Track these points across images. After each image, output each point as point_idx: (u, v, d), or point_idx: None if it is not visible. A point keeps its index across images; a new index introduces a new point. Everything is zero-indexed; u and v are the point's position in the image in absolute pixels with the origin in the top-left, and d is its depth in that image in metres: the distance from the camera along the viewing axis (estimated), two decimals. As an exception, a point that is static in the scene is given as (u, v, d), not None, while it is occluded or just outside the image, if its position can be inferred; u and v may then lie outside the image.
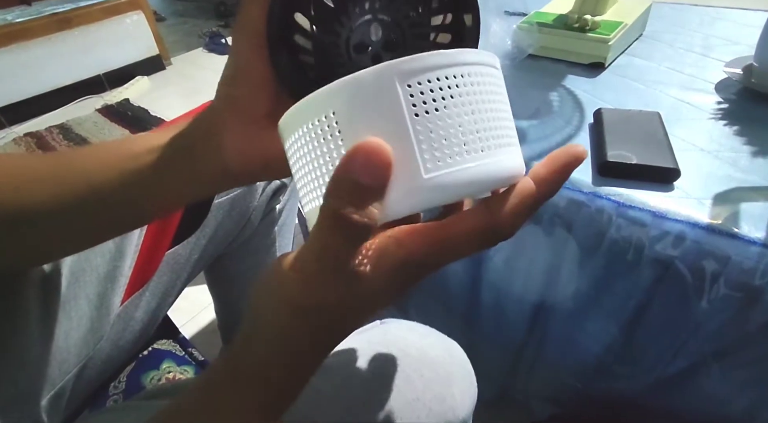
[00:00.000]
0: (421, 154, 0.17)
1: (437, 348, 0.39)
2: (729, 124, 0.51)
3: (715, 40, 0.68)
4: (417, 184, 0.17)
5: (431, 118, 0.17)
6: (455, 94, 0.17)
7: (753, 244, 0.37)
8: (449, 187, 0.17)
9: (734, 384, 0.45)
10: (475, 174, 0.18)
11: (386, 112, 0.17)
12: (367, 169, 0.16)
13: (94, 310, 0.38)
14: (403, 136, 0.17)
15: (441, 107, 0.17)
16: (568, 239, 0.46)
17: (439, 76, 0.17)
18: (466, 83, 0.18)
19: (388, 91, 0.17)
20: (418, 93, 0.17)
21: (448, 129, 0.17)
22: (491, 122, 0.18)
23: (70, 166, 0.26)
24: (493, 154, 0.18)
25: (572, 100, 0.58)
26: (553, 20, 0.67)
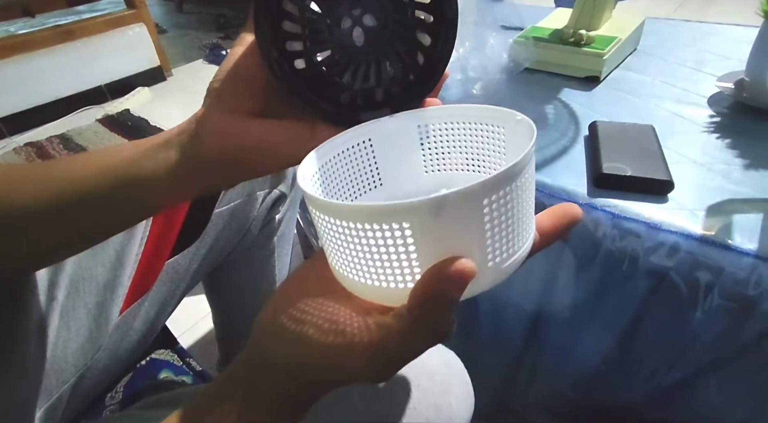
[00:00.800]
0: (491, 253, 0.19)
1: (434, 358, 0.39)
2: (721, 137, 0.52)
3: (707, 55, 0.69)
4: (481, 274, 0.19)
5: (501, 224, 0.19)
6: (517, 195, 0.19)
7: (746, 255, 0.38)
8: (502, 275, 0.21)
9: (731, 395, 0.45)
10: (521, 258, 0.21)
11: (468, 226, 0.18)
12: (459, 285, 0.18)
13: (92, 320, 0.39)
14: (480, 244, 0.19)
15: (509, 211, 0.19)
16: (564, 250, 0.47)
17: (511, 187, 0.19)
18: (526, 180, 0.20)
19: (473, 210, 0.18)
20: (495, 205, 0.18)
21: (511, 227, 0.20)
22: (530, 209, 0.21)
23: (53, 169, 0.26)
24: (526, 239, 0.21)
25: (568, 112, 0.59)
26: (549, 35, 0.68)
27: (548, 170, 0.49)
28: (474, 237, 0.19)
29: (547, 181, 0.47)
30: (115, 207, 0.27)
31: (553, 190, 0.46)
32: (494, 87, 0.65)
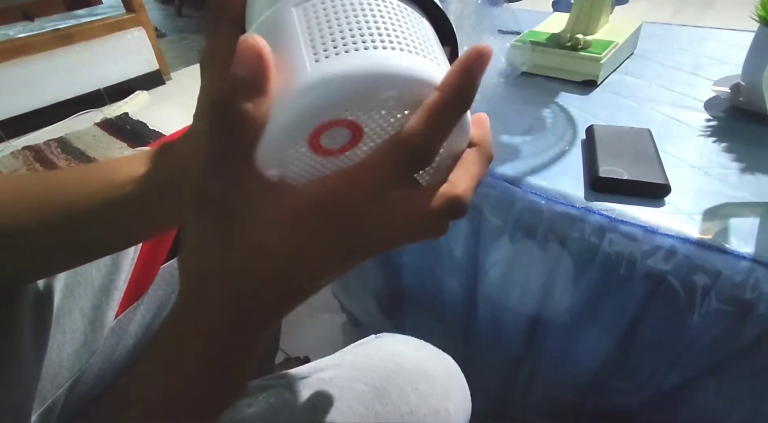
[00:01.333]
0: (306, 48, 0.16)
1: (432, 362, 0.39)
2: (718, 141, 0.52)
3: (704, 60, 0.70)
4: (303, 79, 0.16)
5: (319, 17, 0.17)
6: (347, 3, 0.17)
7: (742, 258, 0.38)
8: (337, 80, 0.16)
9: (729, 398, 0.45)
10: (360, 63, 0.16)
11: (281, 26, 0.17)
12: (241, 63, 0.16)
13: (87, 324, 0.38)
14: (291, 36, 0.17)
15: (330, 9, 0.17)
16: (562, 254, 0.47)
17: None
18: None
19: (284, 12, 0.17)
20: (310, 8, 0.17)
21: (338, 25, 0.16)
22: (392, 28, 0.17)
23: (53, 191, 0.26)
24: (390, 53, 0.16)
25: (565, 116, 0.59)
26: (546, 39, 0.68)
27: (545, 174, 0.49)
28: (287, 27, 0.17)
29: (545, 185, 0.47)
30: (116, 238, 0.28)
31: (550, 194, 0.46)
32: (491, 91, 0.65)
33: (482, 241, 0.53)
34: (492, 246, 0.52)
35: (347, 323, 0.98)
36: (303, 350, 0.91)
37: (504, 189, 0.49)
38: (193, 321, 0.19)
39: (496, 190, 0.49)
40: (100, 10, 2.11)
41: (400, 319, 0.77)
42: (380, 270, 0.71)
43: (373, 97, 0.16)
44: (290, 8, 0.17)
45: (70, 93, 1.82)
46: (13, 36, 1.79)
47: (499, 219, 0.50)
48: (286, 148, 0.17)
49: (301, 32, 0.17)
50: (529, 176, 0.49)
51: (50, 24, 1.91)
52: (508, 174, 0.50)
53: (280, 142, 0.17)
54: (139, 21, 1.95)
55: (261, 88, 0.16)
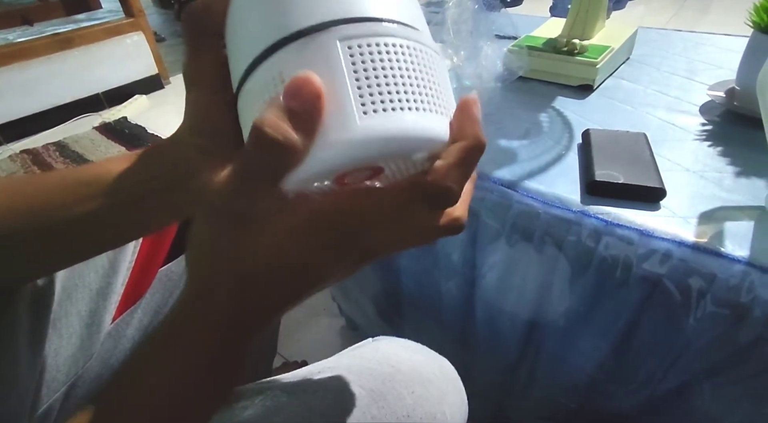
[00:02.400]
0: (355, 98, 0.17)
1: (429, 365, 0.39)
2: (713, 145, 0.52)
3: (699, 64, 0.70)
4: (349, 128, 0.17)
5: (367, 68, 0.17)
6: (391, 53, 0.18)
7: (738, 262, 0.38)
8: (381, 136, 0.17)
9: (726, 402, 0.45)
10: (406, 126, 0.17)
11: (326, 62, 0.17)
12: (294, 96, 0.16)
13: (84, 328, 0.38)
14: (339, 81, 0.17)
15: (377, 60, 0.17)
16: (558, 257, 0.47)
17: (377, 42, 0.18)
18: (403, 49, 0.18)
19: (325, 46, 0.17)
20: (357, 52, 0.17)
21: (384, 80, 0.17)
22: (426, 88, 0.18)
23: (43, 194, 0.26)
24: (426, 115, 0.18)
25: (561, 120, 0.60)
26: (543, 44, 0.69)
27: (542, 178, 0.49)
28: (337, 74, 0.17)
29: (541, 189, 0.48)
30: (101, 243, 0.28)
31: (546, 198, 0.47)
32: (489, 95, 0.65)
33: (479, 245, 0.53)
34: (489, 249, 0.52)
35: (345, 327, 0.98)
36: (301, 354, 0.91)
37: (501, 193, 0.49)
38: (201, 316, 0.19)
39: (493, 193, 0.49)
40: (100, 14, 2.12)
41: (399, 323, 0.77)
42: (378, 274, 0.71)
43: (407, 154, 0.18)
44: (335, 42, 0.17)
45: (69, 97, 1.83)
46: (12, 40, 1.80)
47: (496, 222, 0.50)
48: (316, 182, 0.18)
49: (349, 76, 0.17)
50: (526, 180, 0.49)
51: (50, 28, 1.91)
52: (505, 178, 0.50)
53: (313, 177, 0.18)
54: (139, 25, 1.95)
55: (310, 126, 0.17)
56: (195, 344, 0.19)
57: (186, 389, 0.20)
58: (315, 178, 0.18)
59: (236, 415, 0.34)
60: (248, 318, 0.20)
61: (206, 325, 0.19)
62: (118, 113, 1.83)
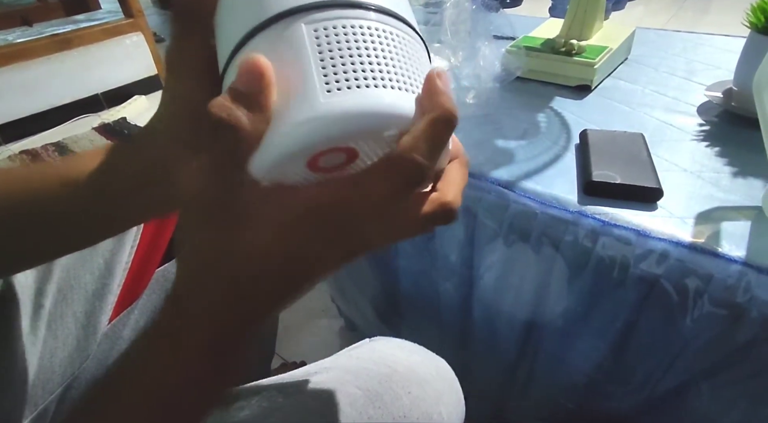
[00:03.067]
0: (319, 76, 0.17)
1: (425, 366, 0.39)
2: (711, 146, 0.52)
3: (697, 65, 0.70)
4: (313, 106, 0.17)
5: (333, 49, 0.17)
6: (357, 35, 0.18)
7: (734, 262, 0.38)
8: (344, 113, 0.17)
9: (723, 402, 0.45)
10: (369, 102, 0.17)
11: (291, 45, 0.17)
12: (240, 77, 0.17)
13: (80, 329, 0.38)
14: (304, 61, 0.17)
15: (342, 41, 0.17)
16: (556, 258, 0.47)
17: (343, 24, 0.18)
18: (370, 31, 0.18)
19: (289, 29, 0.18)
20: (322, 33, 0.17)
21: (349, 59, 0.17)
22: (393, 67, 0.18)
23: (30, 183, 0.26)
24: (391, 92, 0.18)
25: (559, 121, 0.60)
26: (541, 44, 0.69)
27: (539, 178, 0.49)
28: (300, 53, 0.17)
29: (539, 189, 0.48)
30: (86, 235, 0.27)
31: (544, 198, 0.47)
32: (487, 96, 0.65)
33: (477, 245, 0.53)
34: (486, 250, 0.52)
35: (344, 328, 0.98)
36: (300, 355, 0.91)
37: (498, 193, 0.49)
38: (192, 316, 0.19)
39: (491, 194, 0.49)
40: (99, 15, 2.11)
41: (397, 324, 0.77)
42: (377, 274, 0.71)
43: (376, 133, 0.18)
44: (300, 25, 0.17)
45: (68, 97, 1.82)
46: (11, 41, 1.80)
47: (493, 223, 0.50)
48: (286, 165, 0.18)
49: (313, 57, 0.17)
50: (524, 180, 0.49)
51: (49, 29, 1.91)
52: (503, 178, 0.50)
53: (280, 159, 0.17)
54: (138, 26, 1.95)
55: (258, 104, 0.17)
56: (187, 343, 0.19)
57: (178, 389, 0.19)
58: (284, 161, 0.17)
59: (232, 416, 0.34)
60: (241, 316, 0.19)
61: (198, 325, 0.19)
62: (117, 114, 1.82)
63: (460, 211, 0.39)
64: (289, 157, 0.17)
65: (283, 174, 0.18)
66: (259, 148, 0.17)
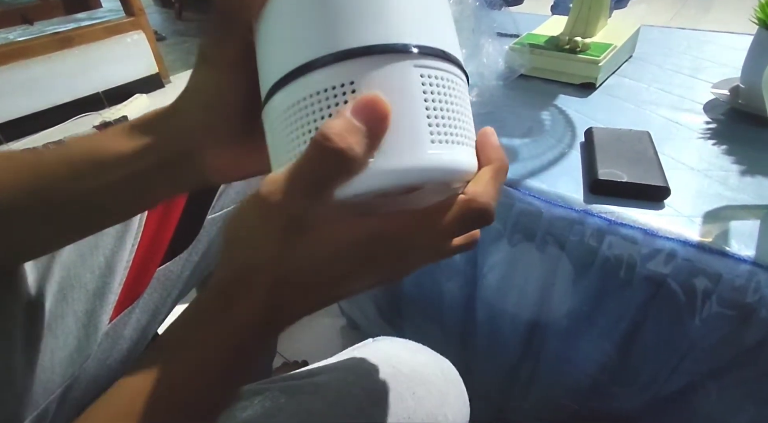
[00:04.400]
0: (426, 125, 0.18)
1: (430, 366, 0.38)
2: (718, 144, 0.51)
3: (703, 62, 0.69)
4: (420, 154, 0.18)
5: (435, 99, 0.19)
6: (455, 89, 0.19)
7: (743, 262, 0.37)
8: (442, 163, 0.18)
9: (731, 403, 0.44)
10: (461, 159, 0.19)
11: (402, 85, 0.18)
12: (362, 112, 0.17)
13: (81, 328, 0.38)
14: (416, 106, 0.18)
15: (442, 93, 0.19)
16: (561, 257, 0.46)
17: (443, 76, 0.19)
18: (458, 85, 0.20)
19: (404, 69, 0.18)
20: (428, 81, 0.19)
21: (447, 114, 0.19)
22: (469, 123, 0.21)
23: (41, 170, 0.26)
24: (471, 151, 0.20)
25: (564, 119, 0.59)
26: (545, 42, 0.68)
27: (545, 177, 0.49)
28: (413, 100, 0.18)
29: (544, 188, 0.47)
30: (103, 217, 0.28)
31: (549, 197, 0.46)
32: (490, 93, 0.64)
33: (481, 244, 0.53)
34: (490, 249, 0.52)
35: (346, 327, 0.98)
36: (302, 354, 0.91)
37: (503, 192, 0.48)
38: (235, 304, 0.20)
39: (495, 192, 0.49)
40: (100, 13, 2.11)
41: (400, 324, 0.76)
42: (379, 273, 0.71)
43: (454, 182, 0.20)
44: (412, 67, 0.18)
45: (69, 96, 1.82)
46: (12, 39, 1.80)
47: (497, 222, 0.49)
48: (373, 195, 0.19)
49: (421, 103, 0.18)
50: (528, 179, 0.49)
51: (50, 27, 1.91)
52: (507, 177, 0.49)
53: (372, 192, 0.18)
54: (139, 24, 1.95)
55: (373, 143, 0.18)
56: (225, 328, 0.20)
57: (206, 377, 0.20)
58: (369, 194, 0.18)
59: (235, 416, 0.33)
60: (278, 317, 0.20)
61: (238, 315, 0.20)
62: (118, 112, 1.82)
63: None
64: (379, 192, 0.18)
65: (360, 198, 0.19)
66: (356, 176, 0.18)
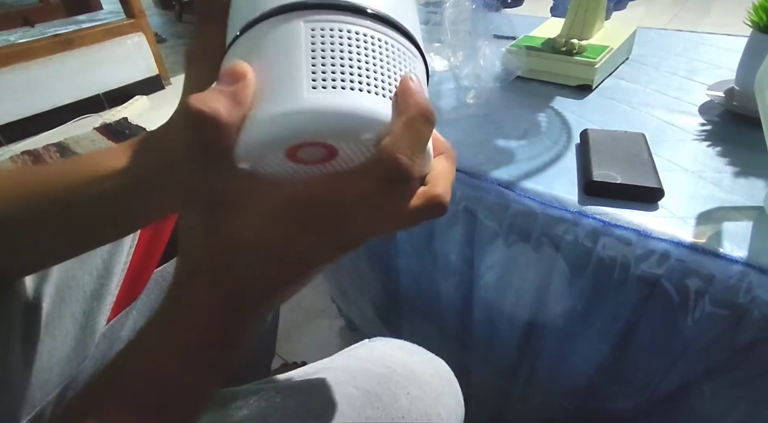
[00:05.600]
0: (307, 73, 0.18)
1: (424, 366, 0.39)
2: (712, 145, 0.52)
3: (698, 64, 0.70)
4: (296, 99, 0.17)
5: (325, 49, 0.18)
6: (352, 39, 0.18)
7: (736, 262, 0.37)
8: (324, 110, 0.17)
9: (725, 403, 0.45)
10: (348, 103, 0.18)
11: (287, 39, 0.18)
12: (223, 77, 0.18)
13: (78, 329, 0.38)
14: (295, 56, 0.18)
15: (336, 43, 0.18)
16: (556, 258, 0.47)
17: (340, 27, 0.18)
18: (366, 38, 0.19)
19: (293, 26, 0.18)
20: (318, 33, 0.18)
21: (339, 61, 0.18)
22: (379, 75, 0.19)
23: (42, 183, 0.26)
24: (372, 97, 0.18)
25: (560, 120, 0.59)
26: (542, 44, 0.68)
27: (540, 178, 0.49)
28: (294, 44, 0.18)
29: (539, 189, 0.47)
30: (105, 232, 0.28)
31: (544, 198, 0.46)
32: (487, 95, 0.65)
33: (477, 245, 0.53)
34: (487, 250, 0.52)
35: (344, 328, 0.98)
36: (300, 355, 0.91)
37: (498, 193, 0.49)
38: (184, 304, 0.20)
39: (491, 194, 0.49)
40: (101, 15, 2.12)
41: (397, 324, 0.77)
42: (377, 274, 0.71)
43: (353, 134, 0.18)
44: (299, 22, 0.18)
45: (70, 98, 1.83)
46: (13, 41, 1.81)
47: (493, 223, 0.50)
48: (265, 154, 0.18)
49: (305, 53, 0.18)
50: (524, 180, 0.49)
51: (50, 29, 1.92)
52: (503, 178, 0.50)
53: (258, 147, 0.18)
54: (139, 26, 1.96)
55: (240, 99, 0.17)
56: (180, 330, 0.20)
57: (171, 378, 0.20)
58: (262, 150, 0.18)
59: (230, 416, 0.34)
60: (232, 305, 0.20)
61: (190, 312, 0.20)
62: (118, 114, 1.83)
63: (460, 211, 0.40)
64: (266, 146, 0.18)
65: (265, 164, 0.19)
66: (239, 137, 0.18)
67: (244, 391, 0.36)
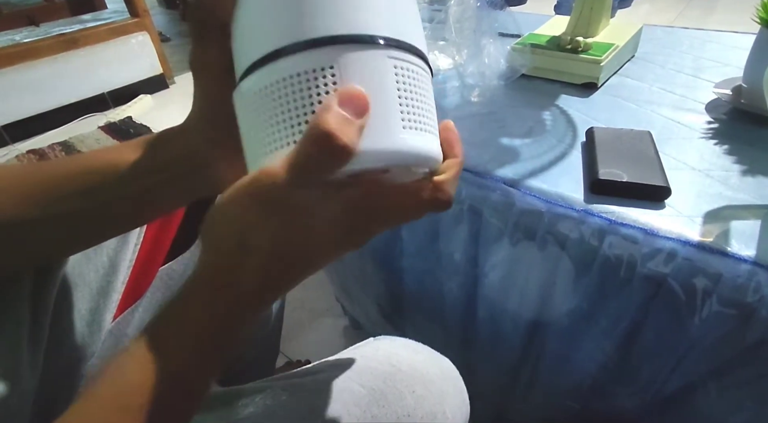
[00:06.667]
0: (401, 111, 0.20)
1: (429, 365, 0.39)
2: (719, 144, 0.51)
3: (705, 62, 0.69)
4: (393, 133, 0.20)
5: (406, 89, 0.21)
6: (421, 81, 0.22)
7: (744, 261, 0.37)
8: (413, 147, 0.21)
9: (731, 403, 0.44)
10: (427, 146, 0.22)
11: (379, 75, 0.20)
12: (349, 103, 0.19)
13: (85, 327, 0.38)
14: (390, 95, 0.20)
15: (411, 83, 0.21)
16: (561, 256, 0.46)
17: (412, 68, 0.21)
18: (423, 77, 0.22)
19: (380, 59, 0.20)
20: (400, 72, 0.21)
21: (416, 102, 0.21)
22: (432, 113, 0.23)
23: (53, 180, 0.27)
24: (435, 139, 0.23)
25: (565, 119, 0.59)
26: (546, 42, 0.68)
27: (545, 176, 0.49)
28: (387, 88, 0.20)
29: (545, 187, 0.47)
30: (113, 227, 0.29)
31: (550, 197, 0.46)
32: (492, 93, 0.65)
33: (482, 244, 0.53)
34: (492, 248, 0.52)
35: (348, 327, 0.98)
36: (305, 354, 0.91)
37: (504, 191, 0.49)
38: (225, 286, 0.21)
39: (496, 192, 0.49)
40: (105, 15, 2.13)
41: (401, 323, 0.76)
42: (381, 274, 0.71)
43: (421, 167, 0.23)
44: (386, 59, 0.20)
45: (75, 97, 1.84)
46: (18, 41, 1.81)
47: (498, 221, 0.49)
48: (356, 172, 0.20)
49: (399, 94, 0.21)
50: (529, 178, 0.49)
51: (55, 29, 1.93)
52: (508, 176, 0.49)
53: (356, 170, 0.20)
54: (144, 25, 1.96)
55: (360, 132, 0.19)
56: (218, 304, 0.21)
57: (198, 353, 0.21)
58: (357, 171, 0.20)
59: (237, 414, 0.34)
60: (267, 294, 0.22)
61: (229, 295, 0.21)
62: (123, 113, 1.84)
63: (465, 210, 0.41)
64: (360, 170, 0.20)
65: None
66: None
67: (249, 389, 0.36)
